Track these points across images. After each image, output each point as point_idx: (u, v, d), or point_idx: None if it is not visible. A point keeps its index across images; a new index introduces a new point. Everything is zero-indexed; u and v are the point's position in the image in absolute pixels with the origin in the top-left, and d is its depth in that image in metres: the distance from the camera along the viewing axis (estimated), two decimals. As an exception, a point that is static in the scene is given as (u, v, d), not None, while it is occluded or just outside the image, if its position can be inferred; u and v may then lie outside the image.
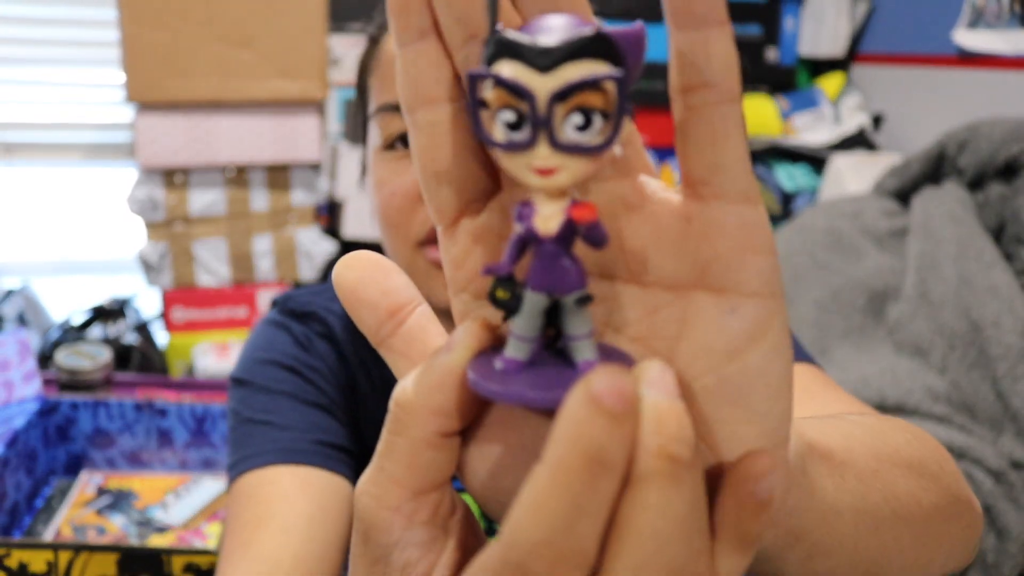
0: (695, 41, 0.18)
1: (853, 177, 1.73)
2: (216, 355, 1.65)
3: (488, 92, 0.19)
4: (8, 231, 1.99)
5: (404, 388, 0.21)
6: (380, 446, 0.22)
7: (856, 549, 0.28)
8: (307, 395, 0.59)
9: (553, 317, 0.21)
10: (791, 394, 0.21)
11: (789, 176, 1.87)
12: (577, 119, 0.18)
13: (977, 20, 1.63)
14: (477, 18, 0.20)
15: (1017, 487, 1.19)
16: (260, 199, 1.76)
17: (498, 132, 0.19)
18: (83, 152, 1.92)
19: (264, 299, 1.78)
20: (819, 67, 2.05)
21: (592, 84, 0.18)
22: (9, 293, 1.63)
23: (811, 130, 1.94)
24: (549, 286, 0.20)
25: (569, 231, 0.20)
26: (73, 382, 1.09)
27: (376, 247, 0.39)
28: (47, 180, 1.97)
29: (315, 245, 1.79)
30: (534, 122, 0.18)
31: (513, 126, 0.19)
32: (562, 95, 0.18)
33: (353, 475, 0.57)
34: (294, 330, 0.63)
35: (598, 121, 0.18)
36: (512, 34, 0.18)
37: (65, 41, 1.87)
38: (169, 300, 1.73)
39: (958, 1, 1.66)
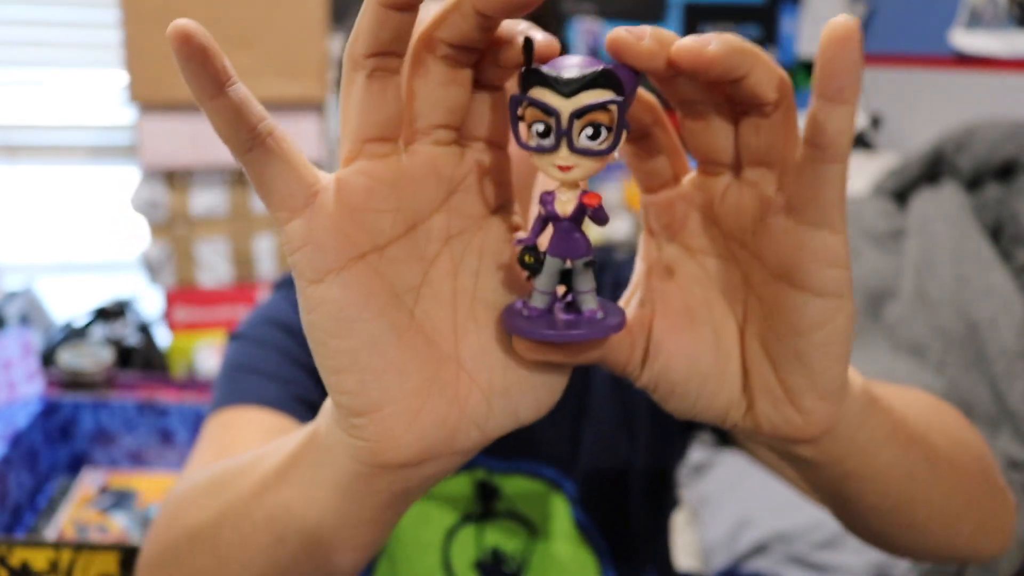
0: (820, 109, 0.24)
1: (852, 177, 1.74)
2: (218, 355, 1.66)
3: (524, 110, 0.25)
4: (11, 232, 2.00)
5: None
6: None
7: (888, 484, 0.34)
8: (297, 356, 0.60)
9: (566, 278, 0.27)
10: (846, 365, 0.28)
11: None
12: (588, 131, 0.24)
13: (974, 22, 1.63)
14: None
15: (1014, 486, 1.20)
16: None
17: (531, 140, 0.25)
18: (86, 153, 1.93)
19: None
20: (818, 67, 2.05)
21: (600, 107, 0.24)
22: (12, 293, 1.63)
23: (810, 130, 1.94)
24: (564, 252, 0.27)
25: (580, 213, 0.26)
26: (75, 382, 1.10)
27: None
28: (50, 181, 1.98)
29: (316, 245, 1.79)
30: (558, 133, 0.24)
31: (542, 135, 0.25)
32: (579, 114, 0.24)
33: None
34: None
35: (604, 133, 0.25)
36: (544, 69, 0.25)
37: (68, 43, 1.88)
38: (171, 300, 1.74)
39: (956, 3, 1.67)
